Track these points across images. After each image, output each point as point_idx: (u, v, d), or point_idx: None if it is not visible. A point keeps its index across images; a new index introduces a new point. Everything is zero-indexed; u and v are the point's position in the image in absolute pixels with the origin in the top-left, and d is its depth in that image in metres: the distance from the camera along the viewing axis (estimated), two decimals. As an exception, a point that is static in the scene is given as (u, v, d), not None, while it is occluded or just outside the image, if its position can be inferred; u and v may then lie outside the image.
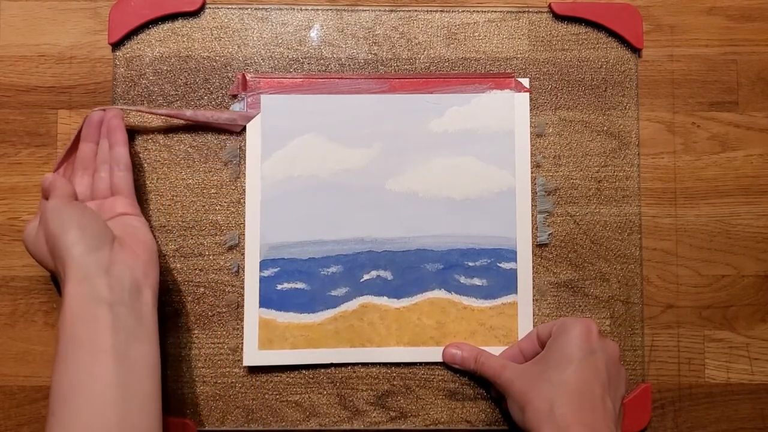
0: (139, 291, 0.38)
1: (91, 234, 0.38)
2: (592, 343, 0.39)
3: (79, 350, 0.35)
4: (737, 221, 0.48)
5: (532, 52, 0.48)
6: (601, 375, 0.38)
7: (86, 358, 0.35)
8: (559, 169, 0.47)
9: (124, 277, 0.38)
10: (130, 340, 0.36)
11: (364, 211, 0.46)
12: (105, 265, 0.37)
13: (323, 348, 0.45)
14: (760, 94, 0.49)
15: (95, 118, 0.44)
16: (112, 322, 0.36)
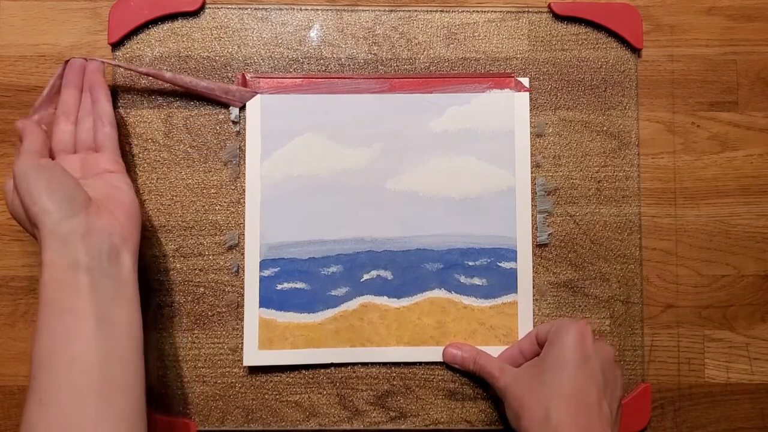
0: (117, 255, 0.38)
1: (63, 198, 0.37)
2: (587, 348, 0.39)
3: (59, 316, 0.35)
4: (737, 221, 0.48)
5: (532, 52, 0.48)
6: (597, 379, 0.38)
7: (66, 323, 0.35)
8: (558, 169, 0.47)
9: (102, 242, 0.37)
10: (109, 304, 0.36)
11: (364, 211, 0.46)
12: (81, 231, 0.36)
13: (323, 348, 0.45)
14: (759, 94, 0.49)
15: (77, 64, 0.43)
16: (90, 288, 0.36)
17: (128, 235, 0.39)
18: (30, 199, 0.36)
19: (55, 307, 0.35)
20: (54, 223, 0.36)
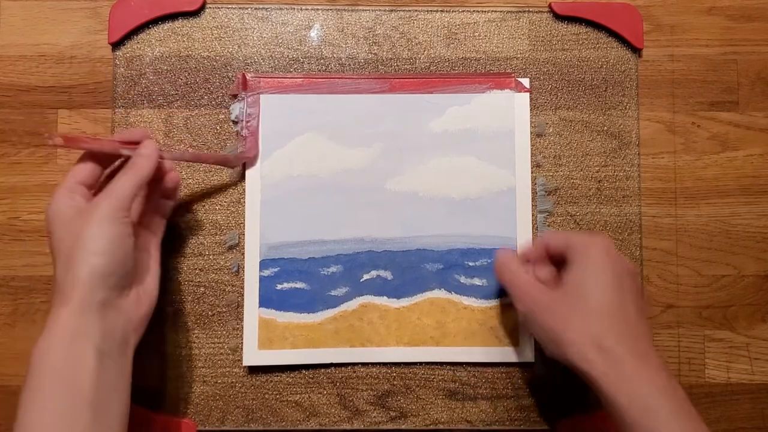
0: (126, 344, 0.36)
1: (115, 269, 0.35)
2: (617, 265, 0.37)
3: (59, 389, 0.32)
4: (737, 221, 0.48)
5: (533, 52, 0.48)
6: (632, 295, 0.37)
7: (65, 402, 0.32)
8: (559, 168, 0.47)
9: (117, 327, 0.35)
10: (110, 395, 0.34)
11: (364, 211, 0.46)
12: (107, 307, 0.35)
13: (323, 348, 0.45)
14: (760, 94, 0.49)
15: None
16: (97, 374, 0.33)
17: (140, 327, 0.38)
18: (81, 245, 0.34)
19: (55, 377, 0.33)
20: (90, 285, 0.34)
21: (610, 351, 0.35)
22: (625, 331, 0.36)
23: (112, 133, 0.46)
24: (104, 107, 0.47)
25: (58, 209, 0.37)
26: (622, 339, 0.35)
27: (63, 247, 0.35)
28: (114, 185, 0.37)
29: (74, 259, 0.34)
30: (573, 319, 0.36)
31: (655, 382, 0.34)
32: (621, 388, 0.34)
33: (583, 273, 0.37)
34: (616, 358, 0.34)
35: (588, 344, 0.35)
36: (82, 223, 0.35)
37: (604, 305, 0.36)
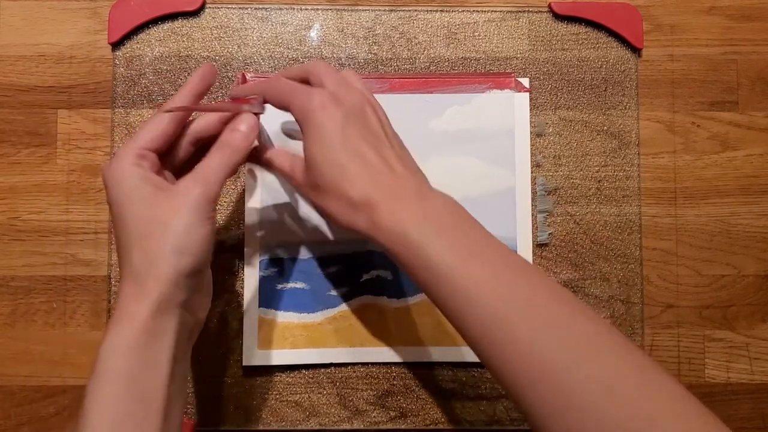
0: (190, 346, 0.34)
1: (201, 269, 0.32)
2: (334, 120, 0.33)
3: (131, 395, 0.30)
4: (737, 221, 0.48)
5: (532, 52, 0.48)
6: (361, 140, 0.34)
7: (136, 410, 0.30)
8: (559, 168, 0.47)
9: (186, 329, 0.33)
10: (176, 403, 0.32)
11: (364, 210, 0.46)
12: (183, 308, 0.32)
13: (323, 348, 0.45)
14: (760, 94, 0.49)
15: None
16: (169, 381, 0.31)
17: (199, 328, 0.35)
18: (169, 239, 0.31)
19: (128, 382, 0.30)
20: (172, 288, 0.31)
21: (361, 205, 0.32)
22: (369, 179, 0.33)
23: (112, 134, 0.46)
24: (104, 107, 0.47)
25: (127, 180, 0.32)
26: (367, 188, 0.33)
27: (139, 228, 0.32)
28: (205, 169, 0.34)
29: (158, 251, 0.31)
30: (324, 194, 0.34)
31: (411, 216, 0.32)
32: (384, 234, 0.32)
33: (308, 151, 0.34)
34: (369, 208, 0.32)
35: (345, 209, 0.33)
36: (168, 209, 0.32)
37: (336, 172, 0.33)
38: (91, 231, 0.46)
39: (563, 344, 0.28)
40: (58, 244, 0.46)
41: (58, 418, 0.45)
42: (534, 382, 0.28)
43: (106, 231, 0.46)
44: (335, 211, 0.34)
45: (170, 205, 0.32)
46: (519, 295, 0.29)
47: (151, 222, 0.32)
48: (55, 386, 0.45)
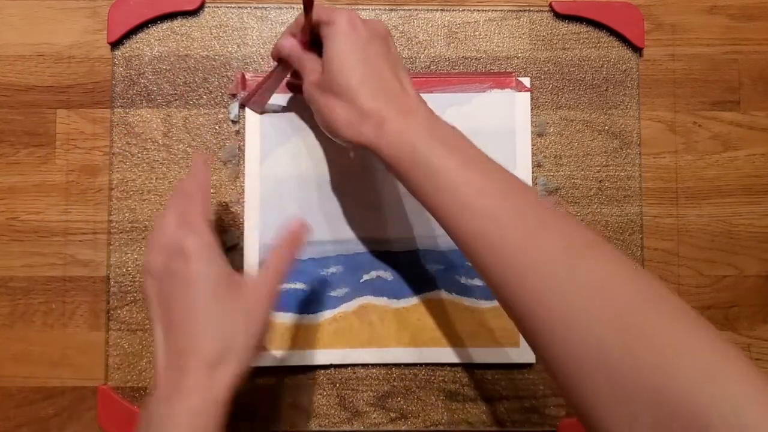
0: None
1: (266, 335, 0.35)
2: (358, 32, 0.36)
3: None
4: (739, 221, 0.48)
5: (533, 51, 0.48)
6: (381, 57, 0.36)
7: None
8: (560, 168, 0.47)
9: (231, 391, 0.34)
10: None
11: (364, 211, 0.46)
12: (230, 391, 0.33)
13: (323, 348, 0.45)
14: (761, 94, 0.48)
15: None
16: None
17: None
18: (243, 334, 0.34)
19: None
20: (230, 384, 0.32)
21: (371, 115, 0.34)
22: (383, 94, 0.35)
23: (111, 134, 0.46)
24: (103, 107, 0.47)
25: (215, 263, 0.35)
26: (380, 101, 0.34)
27: (216, 314, 0.33)
28: (276, 266, 0.37)
29: (236, 338, 0.33)
30: (335, 98, 0.36)
31: (420, 131, 0.33)
32: (390, 144, 0.34)
33: (329, 51, 0.36)
34: (379, 119, 0.34)
35: (354, 117, 0.35)
36: (250, 300, 0.35)
37: (354, 77, 0.35)
38: (90, 231, 0.46)
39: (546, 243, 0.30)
40: (57, 245, 0.46)
41: (57, 419, 0.45)
42: (521, 276, 0.30)
43: (104, 231, 0.46)
44: (342, 118, 0.35)
45: (253, 297, 0.35)
46: (514, 202, 0.31)
47: (233, 310, 0.34)
48: (54, 387, 0.45)
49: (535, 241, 0.30)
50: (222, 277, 0.35)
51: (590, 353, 0.27)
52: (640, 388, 0.25)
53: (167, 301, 0.34)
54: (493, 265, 0.31)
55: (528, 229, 0.30)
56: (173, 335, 0.34)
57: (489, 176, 0.32)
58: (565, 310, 0.28)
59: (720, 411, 0.23)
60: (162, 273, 0.35)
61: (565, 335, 0.28)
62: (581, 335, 0.27)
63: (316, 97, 0.37)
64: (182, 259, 0.34)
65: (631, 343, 0.26)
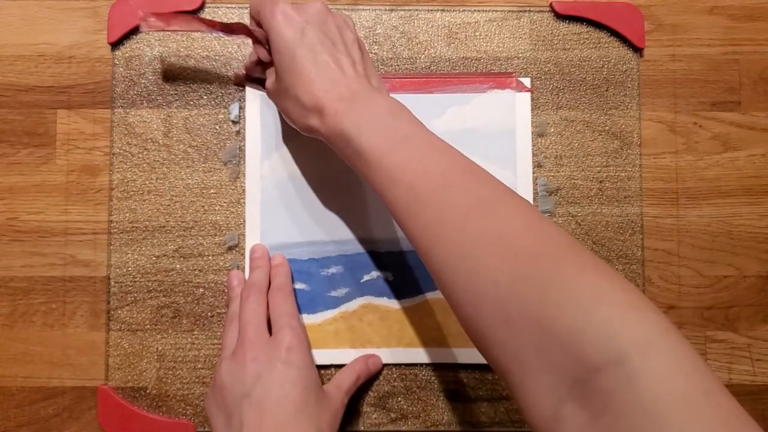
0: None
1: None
2: (292, 24, 0.37)
3: None
4: (739, 221, 0.48)
5: (534, 52, 0.48)
6: (318, 44, 0.37)
7: None
8: (560, 169, 0.47)
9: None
10: None
11: (364, 211, 0.46)
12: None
13: (323, 349, 0.45)
14: (762, 94, 0.48)
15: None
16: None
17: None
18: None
19: None
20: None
21: (313, 108, 0.36)
22: (321, 84, 0.36)
23: (111, 134, 0.46)
24: (103, 107, 0.47)
25: (314, 376, 0.40)
26: (319, 92, 0.36)
27: (295, 418, 0.36)
28: (346, 381, 0.42)
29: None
30: (286, 98, 0.38)
31: (350, 115, 0.35)
32: (329, 130, 0.36)
33: (273, 55, 0.38)
34: (319, 109, 0.36)
35: (302, 112, 0.37)
36: (328, 410, 0.39)
37: (293, 76, 0.37)
38: (90, 231, 0.46)
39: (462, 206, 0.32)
40: (57, 245, 0.46)
41: (57, 419, 0.45)
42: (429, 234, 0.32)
43: (105, 232, 0.46)
44: (294, 114, 0.38)
45: (330, 407, 0.40)
46: (433, 171, 0.33)
47: (313, 416, 0.37)
48: (55, 387, 0.45)
49: (441, 201, 0.32)
50: (318, 392, 0.39)
51: (488, 303, 0.29)
52: (528, 322, 0.27)
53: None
54: (411, 228, 0.33)
55: (436, 191, 0.32)
56: None
57: (408, 146, 0.34)
58: (465, 263, 0.30)
59: (594, 333, 0.25)
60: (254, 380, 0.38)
61: (466, 286, 0.30)
62: (480, 287, 0.29)
63: (275, 100, 0.41)
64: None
65: (521, 288, 0.28)
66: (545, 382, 0.26)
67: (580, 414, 0.25)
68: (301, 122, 0.38)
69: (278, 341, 0.39)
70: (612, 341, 0.24)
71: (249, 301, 0.41)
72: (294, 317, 0.41)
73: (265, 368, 0.37)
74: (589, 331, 0.25)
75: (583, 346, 0.25)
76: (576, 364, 0.25)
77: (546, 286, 0.27)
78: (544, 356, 0.26)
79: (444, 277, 0.32)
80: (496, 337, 0.29)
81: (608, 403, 0.24)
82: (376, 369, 0.45)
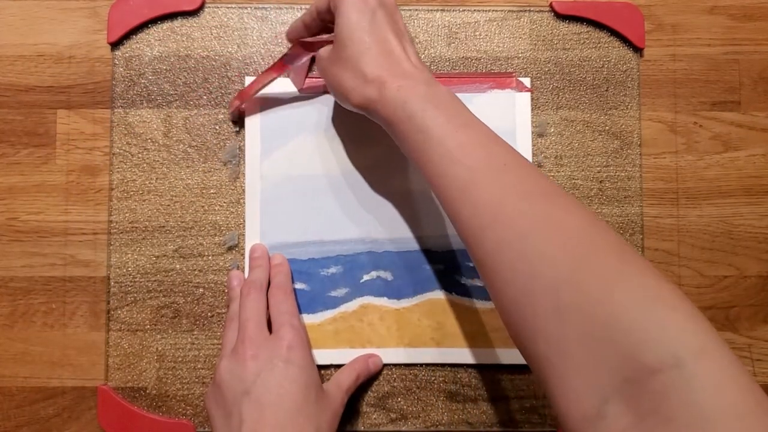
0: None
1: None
2: (369, 4, 0.38)
3: None
4: (739, 221, 0.48)
5: (534, 52, 0.48)
6: (388, 26, 0.38)
7: None
8: (560, 169, 0.47)
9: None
10: None
11: (364, 211, 0.46)
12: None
13: (323, 349, 0.45)
14: (762, 94, 0.48)
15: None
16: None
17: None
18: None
19: None
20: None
21: (374, 80, 0.37)
22: (386, 61, 0.37)
23: (111, 134, 0.46)
24: (103, 107, 0.47)
25: (313, 372, 0.40)
26: (383, 67, 0.37)
27: (293, 414, 0.36)
28: (346, 380, 0.42)
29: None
30: (344, 67, 0.38)
31: (412, 90, 0.36)
32: (388, 102, 0.36)
33: (339, 23, 0.39)
34: (381, 82, 0.36)
35: (359, 83, 0.37)
36: (327, 410, 0.39)
37: (361, 46, 0.38)
38: (90, 232, 0.46)
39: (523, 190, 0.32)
40: (57, 245, 0.46)
41: (57, 419, 0.45)
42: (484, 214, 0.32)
43: (105, 232, 0.46)
44: (349, 84, 0.38)
45: (329, 406, 0.40)
46: (494, 155, 0.34)
47: (312, 414, 0.37)
48: (55, 387, 0.45)
49: (502, 183, 0.32)
50: (317, 389, 0.39)
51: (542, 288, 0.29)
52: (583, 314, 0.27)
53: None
54: (467, 207, 0.33)
55: (497, 174, 0.33)
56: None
57: (470, 131, 0.35)
58: (522, 245, 0.30)
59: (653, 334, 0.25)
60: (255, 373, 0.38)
61: (521, 268, 0.30)
62: (536, 271, 0.29)
63: (328, 68, 0.40)
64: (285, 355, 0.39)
65: (580, 278, 0.28)
66: (591, 378, 0.26)
67: (624, 414, 0.25)
68: (357, 92, 0.38)
69: (278, 339, 0.39)
70: (670, 345, 0.24)
71: (249, 299, 0.41)
72: (294, 315, 0.41)
73: (265, 366, 0.37)
74: (649, 333, 0.25)
75: (641, 346, 0.25)
76: (630, 364, 0.25)
77: (608, 281, 0.27)
78: (593, 351, 0.26)
79: (494, 259, 0.31)
80: (542, 325, 0.28)
81: (659, 406, 0.24)
82: (376, 369, 0.45)
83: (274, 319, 0.41)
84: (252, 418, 0.35)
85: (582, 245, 0.29)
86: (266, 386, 0.37)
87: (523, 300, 0.29)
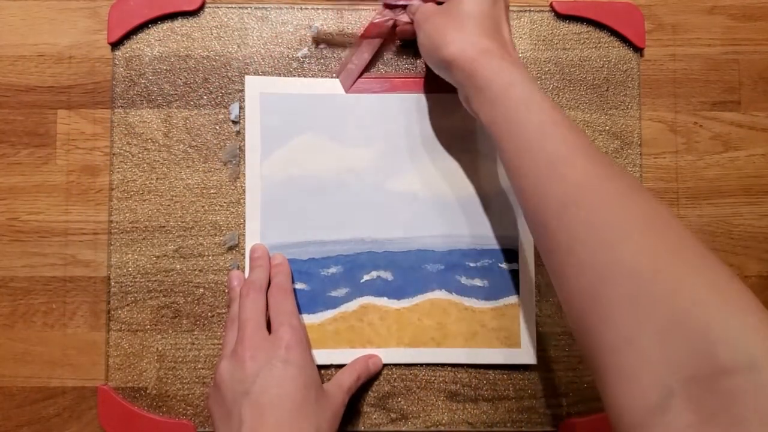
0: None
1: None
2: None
3: None
4: (739, 221, 0.48)
5: (534, 52, 0.48)
6: (506, 12, 0.41)
7: None
8: (560, 169, 0.47)
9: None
10: None
11: (364, 211, 0.46)
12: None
13: (323, 349, 0.45)
14: (762, 94, 0.48)
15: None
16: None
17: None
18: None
19: None
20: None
21: (478, 44, 0.38)
22: (494, 35, 0.39)
23: (111, 134, 0.46)
24: (103, 107, 0.47)
25: (314, 373, 0.40)
26: (490, 38, 0.38)
27: (293, 412, 0.37)
28: (346, 380, 0.43)
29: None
30: (451, 21, 0.39)
31: (517, 66, 0.37)
32: (488, 66, 0.37)
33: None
34: (484, 47, 0.37)
35: (463, 39, 0.38)
36: (327, 410, 0.39)
37: (479, 11, 0.39)
38: (90, 232, 0.46)
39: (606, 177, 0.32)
40: (58, 245, 0.46)
41: (57, 419, 0.45)
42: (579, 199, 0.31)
43: (105, 232, 0.46)
44: (452, 36, 0.39)
45: (330, 406, 0.40)
46: (585, 142, 0.34)
47: (312, 414, 0.38)
48: (55, 387, 0.45)
49: (590, 164, 0.32)
50: (317, 390, 0.39)
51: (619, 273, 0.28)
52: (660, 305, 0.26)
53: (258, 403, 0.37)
54: (550, 179, 0.33)
55: (584, 155, 0.33)
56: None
57: (564, 115, 0.35)
58: (605, 232, 0.29)
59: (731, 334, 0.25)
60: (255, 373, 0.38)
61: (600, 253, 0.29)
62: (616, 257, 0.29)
63: (430, 17, 0.41)
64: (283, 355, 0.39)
65: (659, 270, 0.27)
66: (658, 370, 0.26)
67: (686, 411, 0.25)
68: (456, 45, 0.38)
69: (278, 339, 0.39)
70: (746, 347, 0.24)
71: (248, 299, 0.41)
72: (294, 315, 0.41)
73: (265, 366, 0.37)
74: (727, 332, 0.25)
75: (716, 344, 0.25)
76: (701, 360, 0.25)
77: (687, 276, 0.27)
78: (664, 343, 0.26)
79: (575, 239, 0.31)
80: (614, 313, 0.28)
81: (728, 407, 0.24)
82: (376, 369, 0.45)
83: (273, 320, 0.41)
84: (252, 419, 0.35)
85: (664, 240, 0.28)
86: (265, 387, 0.37)
87: (599, 286, 0.29)
